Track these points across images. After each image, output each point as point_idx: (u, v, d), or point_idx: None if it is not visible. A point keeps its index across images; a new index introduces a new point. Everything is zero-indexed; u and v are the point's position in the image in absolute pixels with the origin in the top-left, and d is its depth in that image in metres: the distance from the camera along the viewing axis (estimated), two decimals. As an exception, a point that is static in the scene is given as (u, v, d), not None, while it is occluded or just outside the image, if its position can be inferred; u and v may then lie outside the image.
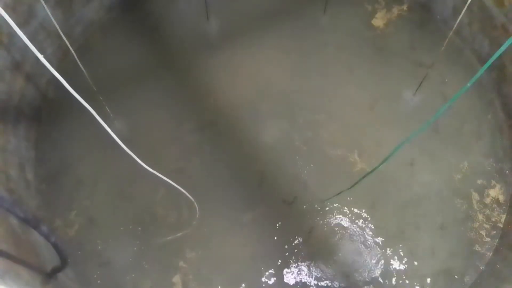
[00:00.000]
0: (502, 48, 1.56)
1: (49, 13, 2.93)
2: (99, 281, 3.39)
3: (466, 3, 2.99)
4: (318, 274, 3.46)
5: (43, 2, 2.88)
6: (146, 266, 3.46)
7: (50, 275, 2.60)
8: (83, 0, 4.13)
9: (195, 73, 4.23)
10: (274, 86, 4.18)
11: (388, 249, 3.53)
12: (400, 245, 3.55)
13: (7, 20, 1.76)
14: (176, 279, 3.42)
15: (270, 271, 3.46)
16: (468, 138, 3.95)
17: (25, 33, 1.86)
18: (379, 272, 3.47)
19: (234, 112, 4.04)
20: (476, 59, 4.21)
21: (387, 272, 3.46)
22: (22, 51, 3.47)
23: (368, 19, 4.54)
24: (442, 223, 3.62)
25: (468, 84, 1.71)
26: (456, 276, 3.46)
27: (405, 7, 4.57)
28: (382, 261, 3.50)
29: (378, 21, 4.52)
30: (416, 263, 3.49)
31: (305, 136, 3.95)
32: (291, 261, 3.49)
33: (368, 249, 3.54)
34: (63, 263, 2.41)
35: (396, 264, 3.48)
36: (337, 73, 4.24)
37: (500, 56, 2.13)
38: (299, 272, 3.46)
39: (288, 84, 4.19)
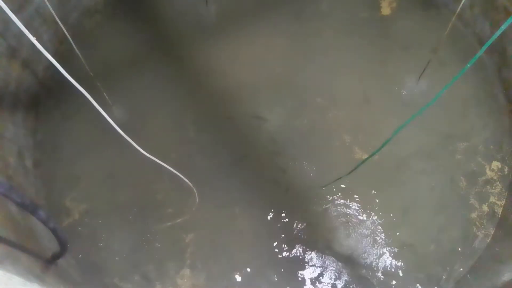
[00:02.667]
0: (503, 27, 1.53)
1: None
2: (99, 267, 3.41)
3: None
4: (317, 259, 3.48)
5: (37, -13, 2.84)
6: (146, 251, 3.48)
7: (50, 261, 2.61)
8: (79, -15, 4.08)
9: (195, 59, 4.19)
10: (274, 70, 4.14)
11: (387, 233, 3.54)
12: (400, 229, 3.56)
13: (1, 5, 1.73)
14: (176, 263, 3.44)
15: (269, 256, 3.48)
16: (470, 122, 3.92)
17: (20, 20, 1.84)
18: (378, 256, 3.48)
19: (234, 97, 4.01)
20: (477, 42, 4.16)
21: (386, 256, 3.48)
22: (18, 37, 3.43)
23: (368, 3, 4.47)
24: (442, 206, 3.62)
25: (468, 65, 1.69)
26: (455, 259, 3.47)
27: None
28: (382, 245, 3.51)
29: (380, 5, 4.46)
30: (415, 247, 3.50)
31: (305, 121, 3.93)
32: (290, 246, 3.51)
33: (368, 232, 3.55)
34: (63, 249, 2.41)
35: (395, 248, 3.50)
36: (338, 58, 4.20)
37: (501, 39, 2.10)
38: (298, 257, 3.48)
39: (288, 68, 4.15)
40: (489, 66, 4.05)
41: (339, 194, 3.66)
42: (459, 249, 3.50)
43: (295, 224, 3.58)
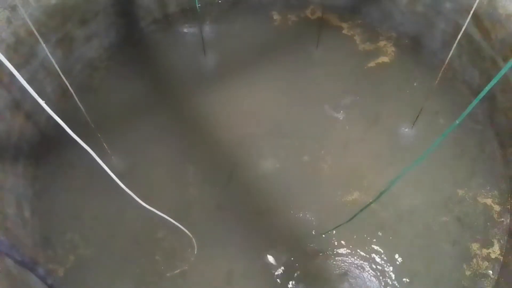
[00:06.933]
0: (487, 88, 1.61)
1: (49, 54, 3.01)
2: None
3: (456, 38, 3.10)
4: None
5: (43, 44, 2.97)
6: (144, 304, 3.39)
7: (45, 317, 2.54)
8: (83, 40, 4.25)
9: (194, 109, 4.29)
10: (270, 119, 4.24)
11: (386, 283, 3.49)
12: (401, 278, 3.50)
13: (9, 67, 1.81)
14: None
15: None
16: (464, 168, 3.97)
17: (25, 73, 1.91)
18: (380, 306, 3.41)
19: (231, 147, 4.07)
20: (467, 89, 4.31)
21: (389, 306, 3.41)
22: (22, 90, 3.52)
23: (359, 54, 4.66)
24: (441, 254, 3.59)
25: (457, 121, 1.76)
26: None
27: (394, 42, 4.71)
28: (384, 295, 3.45)
29: (370, 55, 4.64)
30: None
31: (303, 169, 3.97)
32: (291, 297, 3.44)
33: (367, 283, 3.49)
34: (59, 305, 2.36)
35: (397, 298, 3.43)
36: (332, 107, 4.31)
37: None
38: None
39: (284, 117, 4.25)
40: (480, 111, 4.17)
41: (338, 242, 3.63)
42: (463, 297, 3.44)
43: (295, 274, 3.52)
